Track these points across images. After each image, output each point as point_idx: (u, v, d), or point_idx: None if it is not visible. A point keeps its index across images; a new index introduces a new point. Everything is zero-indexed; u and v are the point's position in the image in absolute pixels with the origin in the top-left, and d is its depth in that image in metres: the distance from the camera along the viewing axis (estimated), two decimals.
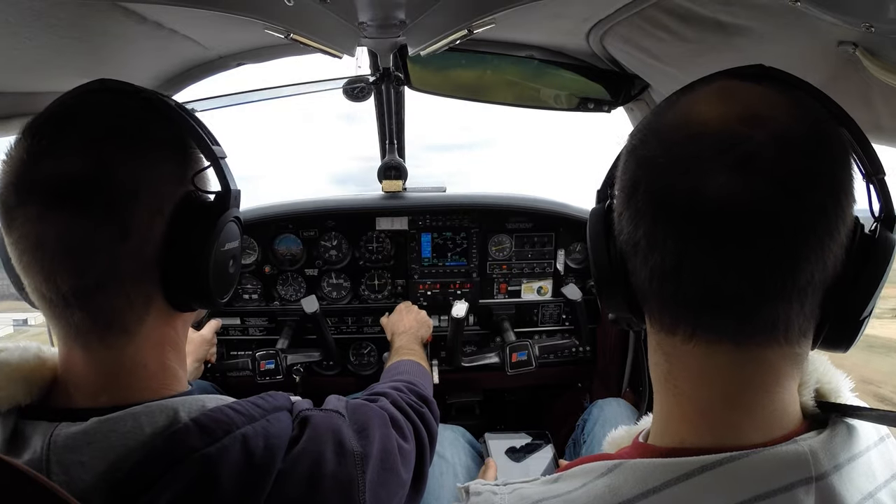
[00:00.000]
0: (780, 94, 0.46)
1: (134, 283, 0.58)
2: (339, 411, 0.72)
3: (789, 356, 0.47)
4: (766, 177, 0.42)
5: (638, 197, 0.47)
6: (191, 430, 0.55)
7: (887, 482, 0.49)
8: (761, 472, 0.44)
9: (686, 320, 0.47)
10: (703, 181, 0.43)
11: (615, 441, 0.66)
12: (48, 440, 0.53)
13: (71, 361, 0.60)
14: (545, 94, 1.56)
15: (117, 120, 0.59)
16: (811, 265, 0.43)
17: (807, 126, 0.44)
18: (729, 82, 0.49)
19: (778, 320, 0.45)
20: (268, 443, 0.59)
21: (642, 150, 0.49)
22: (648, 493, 0.46)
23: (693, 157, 0.44)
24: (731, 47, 0.85)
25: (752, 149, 0.42)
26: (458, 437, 1.48)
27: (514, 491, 0.55)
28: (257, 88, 1.64)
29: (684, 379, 0.50)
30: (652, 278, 0.48)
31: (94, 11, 0.76)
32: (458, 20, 0.91)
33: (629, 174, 0.49)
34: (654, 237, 0.46)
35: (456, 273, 1.84)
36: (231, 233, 0.66)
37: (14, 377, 0.58)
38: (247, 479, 0.56)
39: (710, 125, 0.44)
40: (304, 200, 1.82)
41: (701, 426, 0.49)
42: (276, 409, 0.64)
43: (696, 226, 0.44)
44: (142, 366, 0.61)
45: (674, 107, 0.50)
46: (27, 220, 0.54)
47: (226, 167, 0.65)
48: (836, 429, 0.48)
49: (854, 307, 0.47)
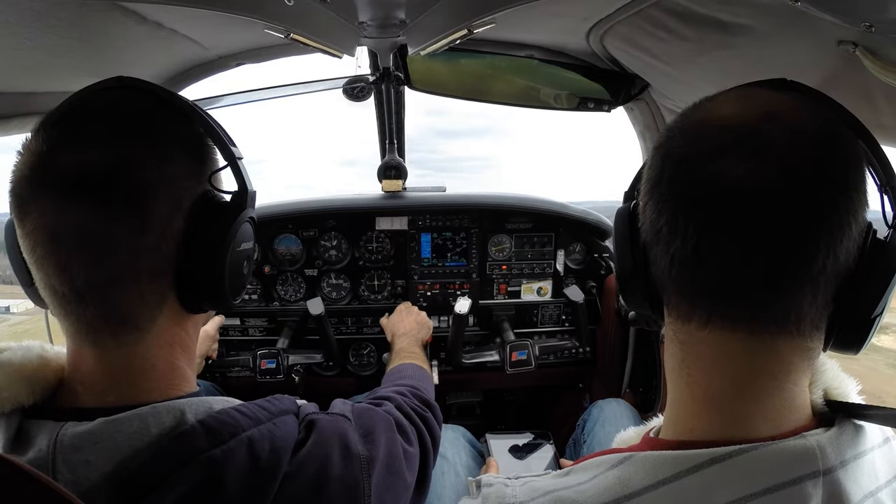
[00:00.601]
0: (798, 100, 0.49)
1: (149, 279, 0.58)
2: (345, 415, 0.72)
3: (801, 349, 0.48)
4: (779, 164, 0.45)
5: (662, 187, 0.50)
6: (197, 431, 0.55)
7: (889, 482, 0.50)
8: (770, 464, 0.45)
9: (702, 306, 0.49)
10: (722, 168, 0.46)
11: (625, 440, 0.66)
12: (54, 439, 0.53)
13: (80, 359, 0.59)
14: (545, 93, 1.56)
15: (137, 115, 0.60)
16: (822, 255, 0.45)
17: (819, 125, 0.47)
18: (752, 88, 0.53)
19: (790, 310, 0.46)
20: (273, 446, 0.59)
21: (667, 146, 0.52)
22: (658, 485, 0.47)
23: (713, 147, 0.47)
24: (731, 47, 0.85)
25: (767, 138, 0.45)
26: (458, 437, 1.48)
27: (525, 483, 0.56)
28: (257, 88, 1.65)
29: (698, 367, 0.51)
30: (672, 265, 0.50)
31: (94, 11, 0.76)
32: (458, 20, 0.91)
33: (655, 168, 0.52)
34: (675, 223, 0.49)
35: (456, 273, 1.83)
36: (246, 233, 0.66)
37: (17, 377, 0.57)
38: (252, 482, 0.56)
39: (731, 120, 0.48)
40: (303, 200, 1.81)
41: (712, 415, 0.50)
42: (282, 413, 0.64)
43: (713, 209, 0.46)
44: (151, 365, 0.61)
45: (699, 108, 0.53)
46: (43, 212, 0.54)
47: (243, 168, 0.65)
48: (843, 427, 0.49)
49: (865, 303, 0.48)
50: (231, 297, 0.65)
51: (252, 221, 0.68)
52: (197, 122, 0.64)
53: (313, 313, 1.55)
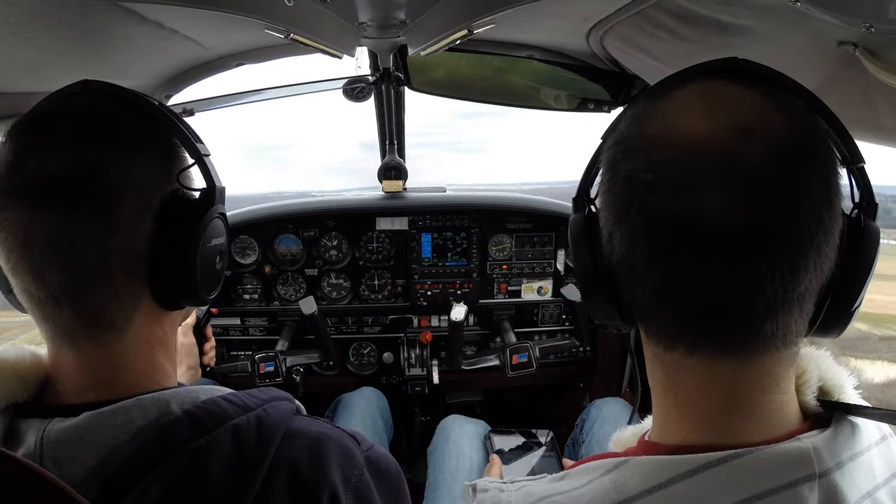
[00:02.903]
0: (763, 99, 0.45)
1: (123, 280, 0.59)
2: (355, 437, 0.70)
3: (786, 358, 0.48)
4: (765, 194, 0.42)
5: (632, 218, 0.46)
6: (182, 421, 0.56)
7: (887, 481, 0.50)
8: (765, 468, 0.44)
9: (688, 337, 0.47)
10: (701, 201, 0.42)
11: (621, 441, 0.66)
12: (41, 435, 0.54)
13: (60, 361, 0.60)
14: (545, 94, 1.56)
15: (102, 119, 0.60)
16: (810, 273, 0.44)
17: (797, 135, 0.44)
18: (707, 84, 0.48)
19: (778, 330, 0.45)
20: (261, 433, 0.58)
21: (627, 166, 0.47)
22: (653, 490, 0.47)
23: (686, 174, 0.43)
24: (731, 47, 0.85)
25: (748, 166, 0.42)
26: (479, 432, 1.51)
27: (521, 488, 0.56)
28: (257, 88, 1.65)
29: (684, 387, 0.50)
30: (652, 297, 0.47)
31: (94, 11, 0.76)
32: (458, 20, 0.91)
33: (617, 193, 0.48)
34: (653, 258, 0.45)
35: (456, 273, 1.84)
36: (217, 229, 0.66)
37: (10, 375, 0.58)
38: (238, 470, 0.56)
39: (700, 140, 0.43)
40: (303, 200, 1.82)
41: (702, 428, 0.49)
42: (274, 399, 0.64)
43: (696, 245, 0.43)
44: (132, 361, 0.61)
45: (654, 116, 0.48)
46: (14, 221, 0.55)
47: (210, 164, 0.66)
48: (839, 427, 0.48)
49: (846, 301, 0.48)
50: (205, 292, 0.66)
51: (223, 217, 0.68)
52: (163, 121, 0.64)
53: (305, 313, 1.55)
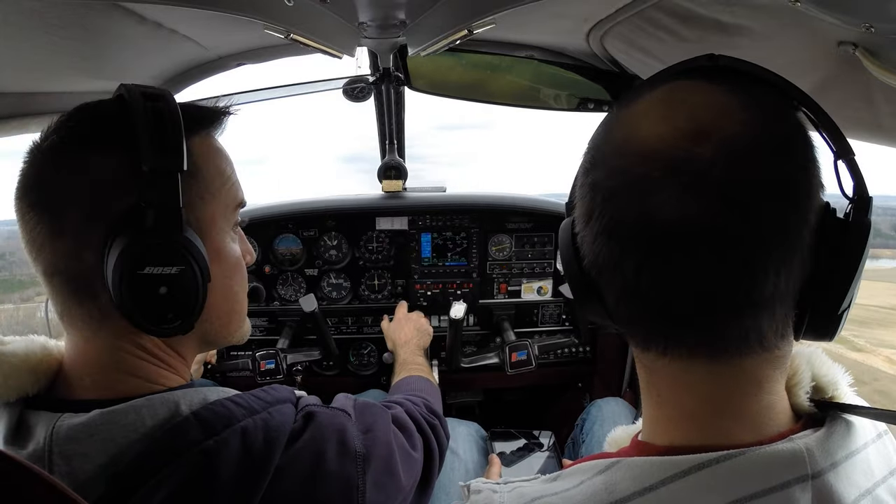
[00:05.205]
0: (728, 95, 0.44)
1: (88, 283, 0.58)
2: (345, 410, 0.72)
3: (769, 360, 0.47)
4: (717, 194, 0.41)
5: (594, 223, 0.47)
6: (191, 423, 0.56)
7: (885, 478, 0.49)
8: (757, 469, 0.44)
9: (656, 339, 0.48)
10: (654, 204, 0.42)
11: (615, 440, 0.66)
12: (51, 431, 0.54)
13: (73, 351, 0.62)
14: (545, 94, 1.56)
15: (65, 128, 0.60)
16: (773, 276, 0.42)
17: (757, 131, 0.43)
18: (674, 85, 0.48)
19: (748, 331, 0.44)
20: (267, 436, 0.59)
21: (593, 174, 0.48)
22: (644, 491, 0.46)
23: (641, 181, 0.43)
24: (731, 48, 0.85)
25: (700, 168, 0.41)
26: (471, 433, 1.50)
27: (513, 489, 0.56)
28: (257, 88, 1.65)
29: (665, 387, 0.50)
30: (620, 299, 0.48)
31: (94, 11, 0.76)
32: (458, 20, 0.91)
33: (585, 199, 0.49)
34: (612, 261, 0.46)
35: (456, 273, 1.84)
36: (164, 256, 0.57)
37: (22, 368, 0.59)
38: (245, 472, 0.56)
39: (655, 145, 0.43)
40: (304, 200, 1.82)
41: (690, 429, 0.49)
42: (278, 402, 0.64)
43: (651, 248, 0.43)
44: (136, 358, 0.61)
45: (618, 124, 0.49)
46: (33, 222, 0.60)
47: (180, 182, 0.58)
48: (833, 426, 0.48)
49: (831, 303, 0.45)
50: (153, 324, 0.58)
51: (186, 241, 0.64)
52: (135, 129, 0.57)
53: (306, 310, 1.55)
